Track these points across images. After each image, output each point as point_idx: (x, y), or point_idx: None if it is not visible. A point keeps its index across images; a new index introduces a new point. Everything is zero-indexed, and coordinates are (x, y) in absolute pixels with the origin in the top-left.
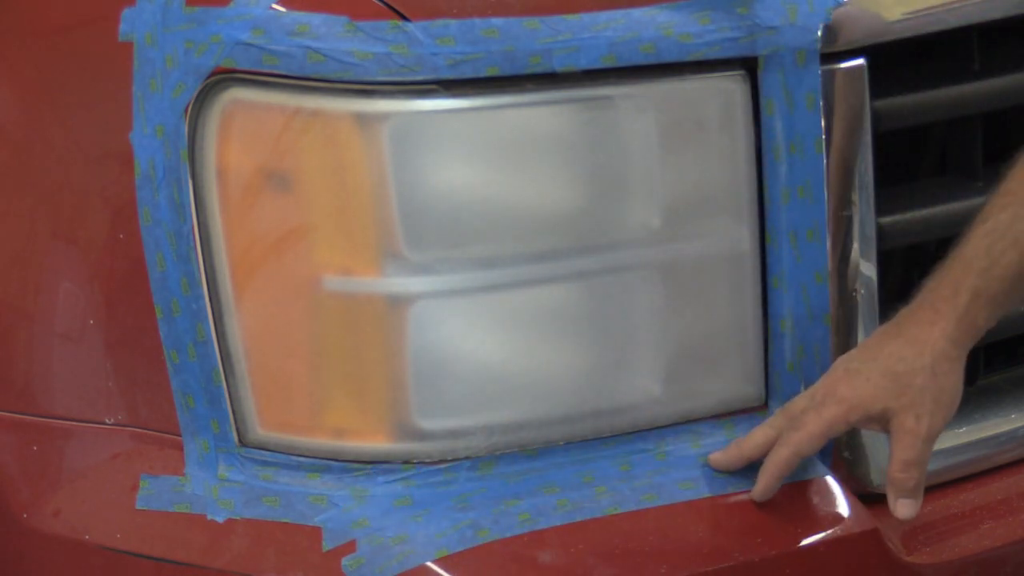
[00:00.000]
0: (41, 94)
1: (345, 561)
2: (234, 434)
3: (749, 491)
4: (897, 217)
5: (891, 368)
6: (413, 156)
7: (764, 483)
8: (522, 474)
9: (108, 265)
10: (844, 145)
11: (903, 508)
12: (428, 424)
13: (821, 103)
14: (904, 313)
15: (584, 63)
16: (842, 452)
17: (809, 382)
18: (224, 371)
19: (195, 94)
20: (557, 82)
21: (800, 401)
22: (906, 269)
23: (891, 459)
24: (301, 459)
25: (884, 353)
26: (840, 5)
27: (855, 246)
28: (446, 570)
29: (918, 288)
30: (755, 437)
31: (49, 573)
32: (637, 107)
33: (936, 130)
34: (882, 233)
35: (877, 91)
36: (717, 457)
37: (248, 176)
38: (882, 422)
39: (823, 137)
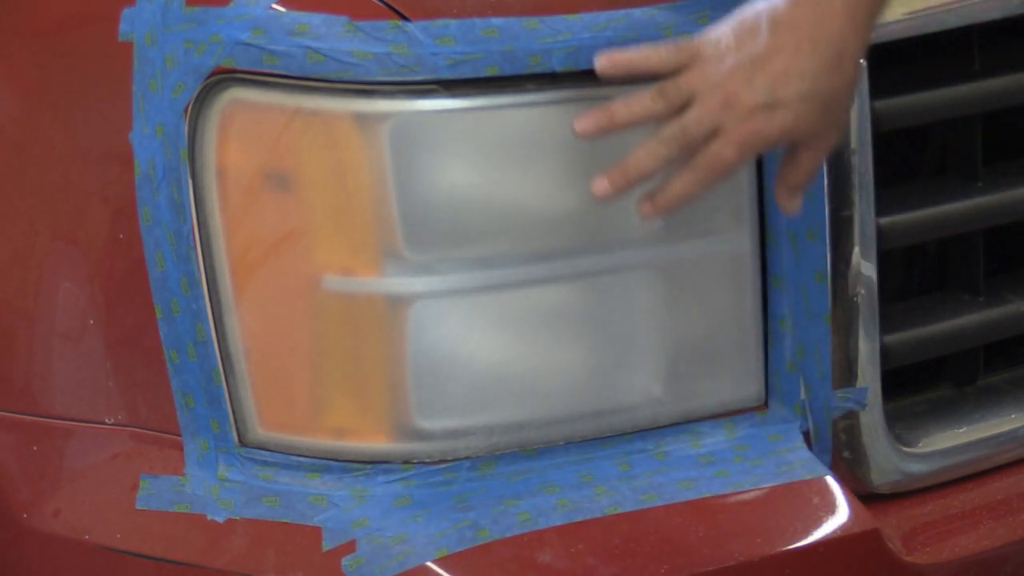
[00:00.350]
0: (41, 94)
1: (345, 561)
2: (234, 434)
3: (749, 491)
4: (897, 217)
5: (819, 96)
6: (413, 156)
7: (663, 209)
8: (522, 474)
9: (108, 265)
10: (844, 145)
11: (797, 204)
12: (428, 424)
13: None
14: (802, 17)
15: (584, 63)
16: (842, 452)
17: (809, 382)
18: (224, 371)
19: (195, 94)
20: (557, 82)
21: (696, 127)
22: (906, 269)
23: (797, 163)
24: (301, 459)
25: (805, 76)
26: None
27: (855, 246)
28: (446, 570)
29: None
30: (644, 161)
31: (49, 573)
32: None
33: (936, 130)
34: (882, 233)
35: (877, 91)
36: (602, 184)
37: (248, 176)
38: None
39: None
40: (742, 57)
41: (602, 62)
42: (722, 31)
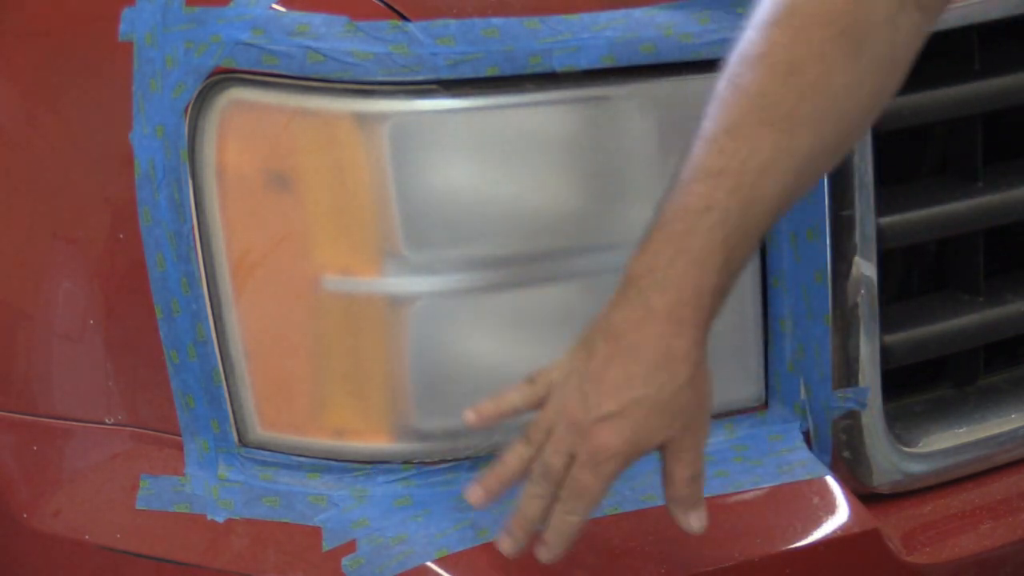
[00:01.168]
0: (41, 94)
1: (345, 561)
2: (234, 434)
3: (749, 491)
4: (897, 217)
5: (652, 400)
6: (413, 156)
7: (557, 550)
8: None
9: (108, 265)
10: None
11: (696, 520)
12: (428, 424)
13: None
14: (627, 326)
15: (584, 63)
16: (842, 452)
17: (809, 382)
18: (224, 371)
19: (195, 94)
20: (557, 82)
21: (554, 460)
22: (906, 269)
23: (672, 479)
24: (301, 459)
25: (634, 384)
26: None
27: (855, 246)
28: (446, 570)
29: (625, 283)
30: (529, 513)
31: (49, 573)
32: (637, 107)
33: (936, 130)
34: (882, 233)
35: None
36: (507, 545)
37: (248, 176)
38: (657, 449)
39: None
40: (580, 376)
41: (468, 417)
42: (568, 353)
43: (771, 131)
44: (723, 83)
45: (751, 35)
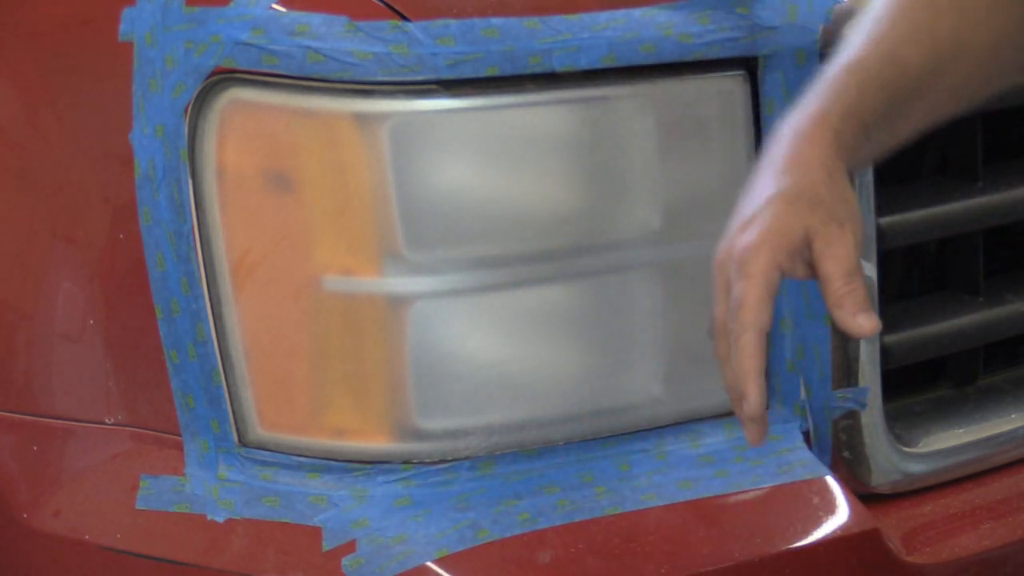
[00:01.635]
0: (41, 94)
1: (345, 561)
2: (234, 434)
3: (749, 491)
4: (897, 217)
5: (791, 192)
6: (413, 156)
7: (754, 396)
8: (522, 474)
9: (108, 265)
10: None
11: (865, 321)
12: (428, 424)
13: None
14: (770, 152)
15: (584, 63)
16: (842, 452)
17: (809, 382)
18: (224, 371)
19: (195, 94)
20: (557, 82)
21: (721, 304)
22: (906, 269)
23: (830, 278)
24: (301, 459)
25: (775, 185)
26: (840, 5)
27: None
28: (446, 570)
29: (773, 139)
30: (721, 353)
31: (49, 573)
32: (637, 107)
33: (936, 130)
34: (882, 233)
35: None
36: (755, 395)
37: (248, 176)
38: (805, 251)
39: None
40: (737, 211)
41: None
42: None
43: (909, 11)
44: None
45: None
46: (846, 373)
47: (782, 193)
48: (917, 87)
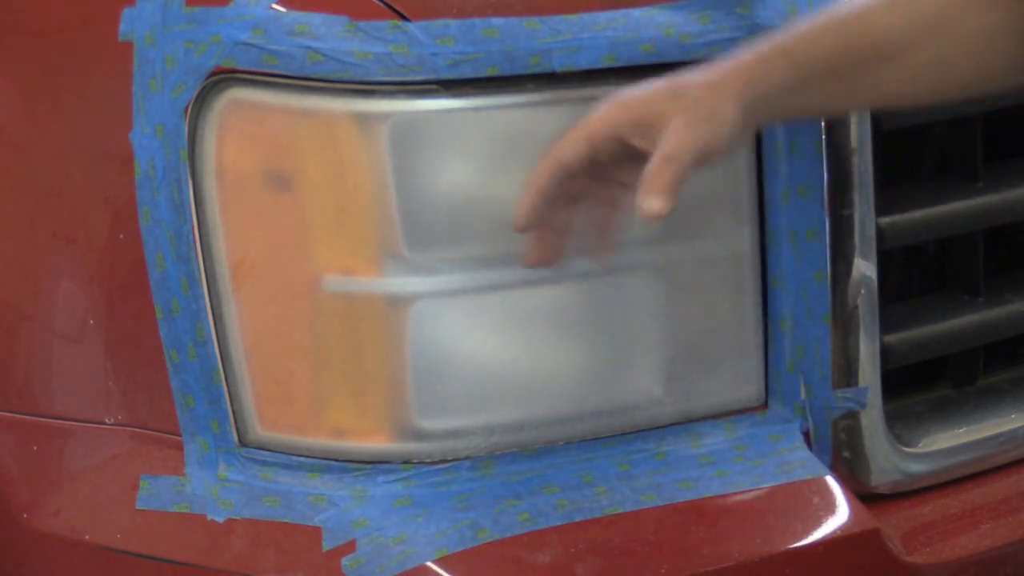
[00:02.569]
0: (41, 94)
1: (345, 561)
2: (234, 434)
3: (749, 491)
4: (897, 217)
5: (666, 84)
6: (413, 156)
7: (526, 196)
8: (522, 474)
9: (108, 265)
10: (844, 145)
11: (652, 203)
12: (428, 424)
13: None
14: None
15: (584, 63)
16: (842, 452)
17: (809, 382)
18: (224, 371)
19: (195, 94)
20: (557, 82)
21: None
22: (906, 269)
23: (652, 156)
24: (301, 459)
25: (663, 81)
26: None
27: (855, 246)
28: (446, 570)
29: None
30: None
31: (49, 573)
32: None
33: (936, 130)
34: (882, 233)
35: None
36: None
37: (248, 176)
38: (652, 130)
39: (823, 137)
40: None
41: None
42: None
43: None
44: None
45: None
46: (846, 373)
47: (661, 84)
48: (884, 52)
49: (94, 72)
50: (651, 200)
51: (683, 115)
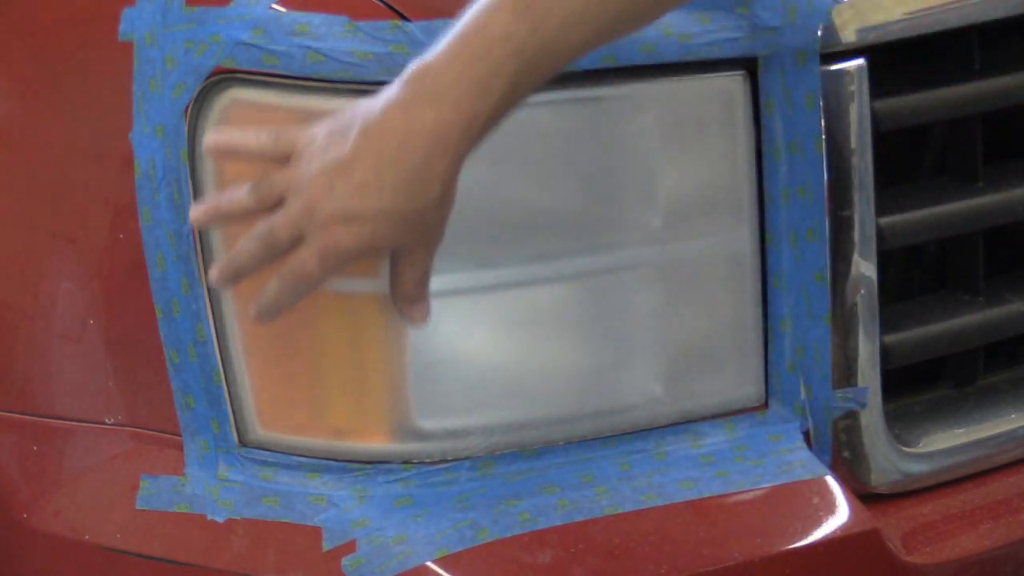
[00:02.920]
0: (41, 94)
1: (345, 561)
2: (234, 434)
3: (749, 491)
4: (897, 217)
5: (399, 214)
6: None
7: (262, 315)
8: (522, 474)
9: (108, 265)
10: (844, 145)
11: (419, 312)
12: (428, 424)
13: (821, 103)
14: (389, 124)
15: (584, 63)
16: (842, 452)
17: (809, 382)
18: (224, 371)
19: (195, 94)
20: (557, 82)
21: (281, 231)
22: (906, 269)
23: (400, 278)
24: (301, 459)
25: (385, 192)
26: (840, 5)
27: (855, 246)
28: (446, 570)
29: (401, 81)
30: (239, 260)
31: (49, 573)
32: (637, 107)
33: (936, 130)
34: (882, 233)
35: (877, 91)
36: (214, 274)
37: (248, 176)
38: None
39: (823, 137)
40: (328, 161)
41: (208, 142)
42: (320, 128)
43: None
44: None
45: None
46: (846, 373)
47: (392, 213)
48: (575, 54)
49: (94, 72)
50: (416, 311)
51: (421, 244)
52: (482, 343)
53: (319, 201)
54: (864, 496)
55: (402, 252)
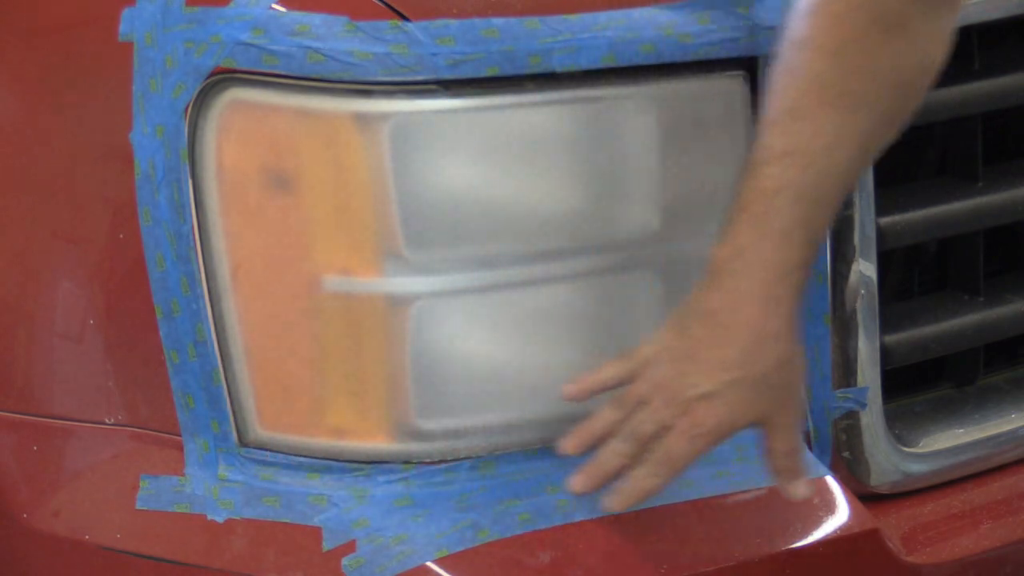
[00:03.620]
0: (41, 94)
1: (345, 561)
2: (234, 434)
3: (749, 491)
4: (897, 217)
5: (745, 381)
6: (413, 156)
7: (626, 504)
8: (522, 474)
9: (108, 265)
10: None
11: (801, 488)
12: (428, 424)
13: None
14: (723, 308)
15: (584, 63)
16: (842, 452)
17: (809, 382)
18: (224, 371)
19: (195, 94)
20: (557, 82)
21: (647, 425)
22: (906, 269)
23: (773, 453)
24: (301, 459)
25: (729, 365)
26: None
27: (855, 246)
28: (446, 570)
29: (716, 268)
30: (608, 467)
31: (49, 573)
32: (637, 107)
33: (936, 130)
34: (882, 233)
35: None
36: (577, 485)
37: (248, 176)
38: (752, 425)
39: None
40: (676, 355)
41: (567, 391)
42: (661, 332)
43: (830, 110)
44: (778, 69)
45: (797, 23)
46: (846, 373)
47: (738, 382)
48: (850, 176)
49: (94, 72)
50: (797, 487)
51: (778, 410)
52: (482, 343)
53: (675, 389)
54: (864, 496)
55: (766, 425)
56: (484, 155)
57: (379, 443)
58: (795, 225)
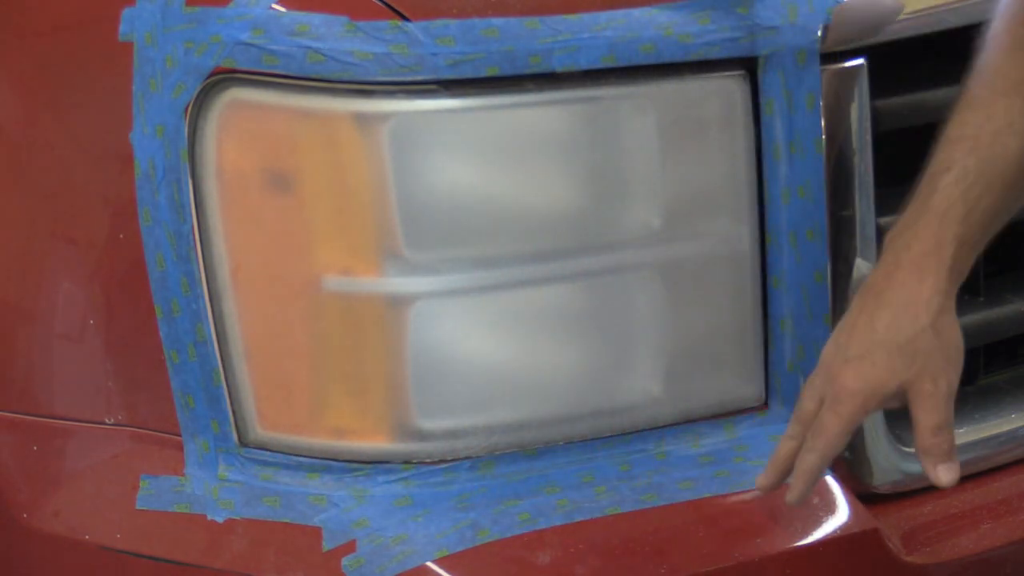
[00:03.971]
0: (41, 94)
1: (345, 561)
2: (234, 434)
3: (749, 491)
4: (897, 217)
5: (892, 342)
6: (413, 156)
7: (798, 491)
8: (522, 474)
9: (108, 265)
10: (844, 145)
11: (945, 474)
12: (428, 424)
13: (821, 103)
14: (879, 279)
15: (584, 63)
16: (842, 452)
17: None
18: (224, 371)
19: (195, 94)
20: (557, 82)
21: (807, 403)
22: None
23: (918, 427)
24: (301, 459)
25: (878, 328)
26: (840, 4)
27: (855, 246)
28: (446, 570)
29: (883, 249)
30: (781, 453)
31: (49, 573)
32: (637, 107)
33: (936, 130)
34: (882, 233)
35: (877, 91)
36: (762, 481)
37: (248, 176)
38: (899, 397)
39: (823, 137)
40: (839, 329)
41: (760, 483)
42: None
43: (1002, 98)
44: (973, 71)
45: (991, 26)
46: None
47: (885, 343)
48: (1017, 174)
49: (94, 72)
50: (942, 472)
51: (926, 377)
52: (482, 343)
53: (829, 359)
54: (864, 496)
55: (910, 394)
56: (484, 155)
57: (379, 443)
58: (954, 202)
